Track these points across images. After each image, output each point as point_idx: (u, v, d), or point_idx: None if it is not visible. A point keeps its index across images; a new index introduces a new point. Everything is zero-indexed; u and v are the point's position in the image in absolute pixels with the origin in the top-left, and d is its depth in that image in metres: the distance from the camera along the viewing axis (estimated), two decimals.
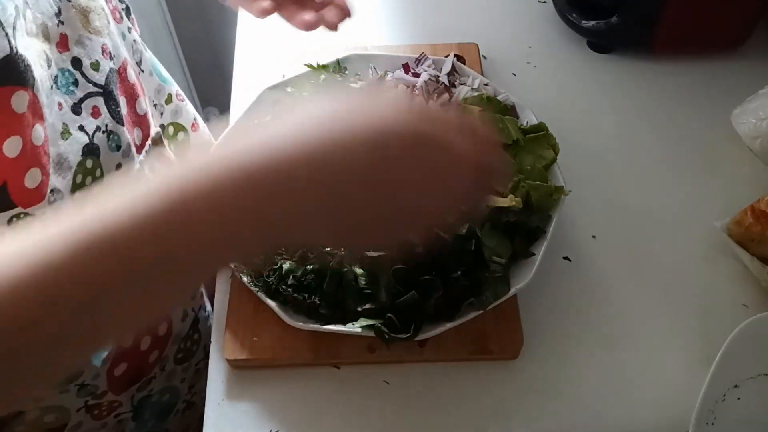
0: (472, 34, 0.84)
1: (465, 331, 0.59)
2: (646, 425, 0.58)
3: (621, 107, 0.80)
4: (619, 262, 0.67)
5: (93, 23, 0.54)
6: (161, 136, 0.66)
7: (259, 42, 0.85)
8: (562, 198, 0.64)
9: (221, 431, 0.57)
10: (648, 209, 0.71)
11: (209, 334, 0.63)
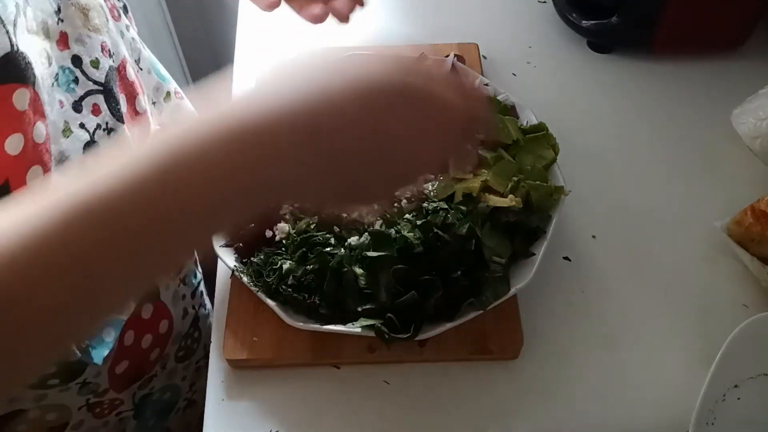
0: (472, 34, 0.84)
1: (465, 331, 0.59)
2: (646, 425, 0.58)
3: (621, 107, 0.80)
4: (619, 262, 0.67)
5: (92, 21, 0.54)
6: None
7: (259, 42, 0.85)
8: (562, 198, 0.63)
9: (221, 431, 0.57)
10: (648, 209, 0.71)
11: (209, 332, 0.63)
